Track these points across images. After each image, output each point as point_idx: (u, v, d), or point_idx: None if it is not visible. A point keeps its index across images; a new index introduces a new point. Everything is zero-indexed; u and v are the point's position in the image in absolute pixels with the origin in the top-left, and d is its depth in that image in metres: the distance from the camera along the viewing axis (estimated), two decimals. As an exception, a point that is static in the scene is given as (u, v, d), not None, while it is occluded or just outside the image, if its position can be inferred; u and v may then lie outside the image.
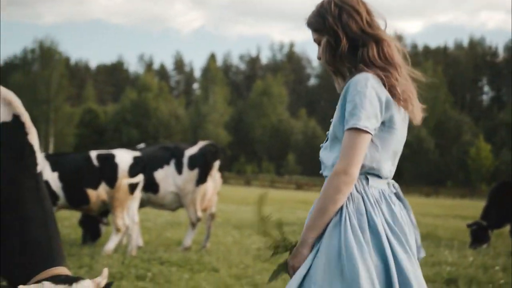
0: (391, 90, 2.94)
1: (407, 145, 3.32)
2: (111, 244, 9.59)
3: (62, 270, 3.95)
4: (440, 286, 7.84)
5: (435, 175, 66.04)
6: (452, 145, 66.50)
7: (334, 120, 3.03)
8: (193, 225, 10.72)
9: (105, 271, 3.91)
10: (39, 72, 72.36)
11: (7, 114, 4.27)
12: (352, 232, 2.85)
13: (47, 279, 3.76)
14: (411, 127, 3.18)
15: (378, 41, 2.99)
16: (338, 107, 3.00)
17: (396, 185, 3.16)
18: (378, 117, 2.90)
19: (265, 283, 7.88)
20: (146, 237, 11.74)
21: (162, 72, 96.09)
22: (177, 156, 10.85)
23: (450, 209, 27.31)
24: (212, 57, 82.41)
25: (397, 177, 3.27)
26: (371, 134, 2.88)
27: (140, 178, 9.79)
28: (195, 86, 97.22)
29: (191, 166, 10.76)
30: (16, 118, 4.29)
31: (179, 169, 10.74)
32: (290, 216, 19.10)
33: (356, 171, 2.87)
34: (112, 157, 9.80)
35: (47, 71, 71.10)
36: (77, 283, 3.73)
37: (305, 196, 33.52)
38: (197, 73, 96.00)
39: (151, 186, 10.58)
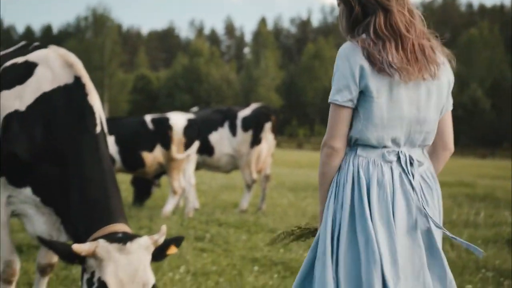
0: (370, 59, 2.89)
1: (461, 106, 3.22)
2: (168, 206, 9.70)
3: (121, 227, 3.95)
4: (501, 246, 7.69)
5: (491, 136, 64.56)
6: (508, 105, 64.74)
7: None
8: (249, 187, 10.75)
9: (163, 228, 3.93)
10: (92, 39, 73.24)
11: (69, 76, 4.29)
12: (331, 203, 2.99)
13: (103, 237, 3.79)
14: (464, 88, 3.07)
15: (387, 10, 2.95)
16: None
17: (416, 154, 3.07)
18: (351, 89, 2.93)
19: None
20: (202, 200, 11.85)
21: (213, 37, 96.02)
22: (231, 118, 10.86)
23: (507, 171, 26.71)
24: (263, 21, 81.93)
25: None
26: (345, 106, 2.95)
27: (196, 145, 9.86)
28: (246, 50, 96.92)
29: (245, 128, 10.76)
30: (77, 79, 4.30)
31: (233, 131, 10.76)
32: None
33: (337, 143, 2.98)
34: (166, 120, 9.87)
35: (100, 38, 71.90)
36: (131, 242, 3.75)
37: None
38: (248, 38, 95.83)
39: (206, 148, 10.63)
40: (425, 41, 3.00)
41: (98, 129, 4.26)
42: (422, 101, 3.00)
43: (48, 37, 77.96)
